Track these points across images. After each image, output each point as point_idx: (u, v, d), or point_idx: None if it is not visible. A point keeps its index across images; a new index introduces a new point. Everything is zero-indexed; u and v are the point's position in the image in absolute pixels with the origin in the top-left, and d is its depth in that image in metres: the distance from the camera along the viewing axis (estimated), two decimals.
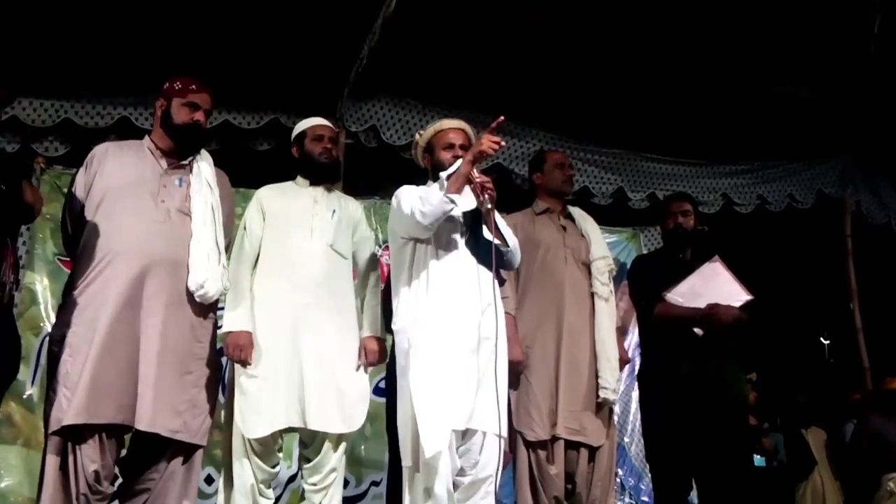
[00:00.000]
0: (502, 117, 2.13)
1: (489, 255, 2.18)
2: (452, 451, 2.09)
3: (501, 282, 2.43)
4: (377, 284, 2.55)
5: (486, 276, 2.20)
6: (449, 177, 2.14)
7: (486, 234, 2.20)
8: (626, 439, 3.98)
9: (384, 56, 3.24)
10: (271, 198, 2.51)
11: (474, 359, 2.14)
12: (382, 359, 2.49)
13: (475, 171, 2.20)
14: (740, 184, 4.45)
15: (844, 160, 4.53)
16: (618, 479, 3.87)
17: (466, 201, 2.17)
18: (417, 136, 2.47)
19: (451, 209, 2.12)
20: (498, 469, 2.10)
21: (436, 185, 2.22)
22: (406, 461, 2.15)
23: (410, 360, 2.16)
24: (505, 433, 2.15)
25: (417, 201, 2.15)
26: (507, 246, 2.28)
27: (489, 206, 2.17)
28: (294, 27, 3.14)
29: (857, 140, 4.31)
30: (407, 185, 2.30)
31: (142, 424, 2.03)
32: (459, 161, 2.19)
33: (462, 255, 2.24)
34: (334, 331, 2.39)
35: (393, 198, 2.28)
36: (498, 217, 2.30)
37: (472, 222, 2.28)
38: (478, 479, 2.12)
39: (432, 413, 2.08)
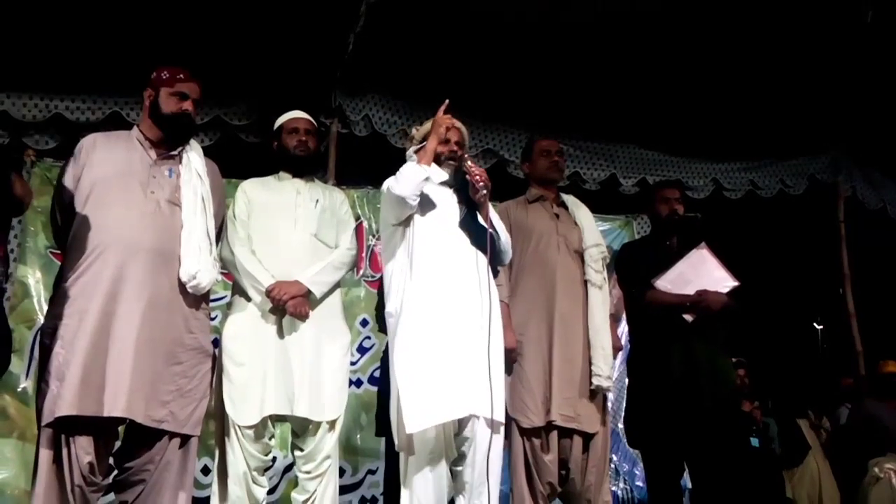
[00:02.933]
0: (447, 101, 2.30)
1: (484, 242, 2.24)
2: (449, 436, 2.11)
3: (496, 273, 2.45)
4: (343, 259, 2.49)
5: (483, 260, 2.24)
6: (416, 151, 2.27)
7: (481, 221, 2.25)
8: (621, 426, 4.00)
9: (371, 44, 3.22)
10: (255, 190, 2.52)
11: (471, 342, 2.16)
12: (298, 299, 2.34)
13: (470, 162, 2.29)
14: (731, 169, 4.46)
15: (836, 150, 4.53)
16: (612, 465, 3.90)
17: (438, 173, 2.31)
18: (414, 130, 2.52)
19: (425, 177, 2.22)
20: (489, 452, 2.11)
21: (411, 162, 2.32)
22: (397, 444, 2.16)
23: (398, 339, 2.18)
24: (499, 417, 2.17)
25: (392, 179, 2.26)
26: (500, 237, 2.34)
27: (484, 193, 2.24)
28: (281, 20, 3.12)
29: (848, 134, 4.30)
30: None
31: (127, 414, 2.01)
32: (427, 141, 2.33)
33: (459, 239, 2.28)
34: (320, 319, 2.39)
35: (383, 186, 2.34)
36: (492, 211, 2.34)
37: (468, 211, 2.31)
38: (475, 463, 2.14)
39: (416, 390, 2.09)
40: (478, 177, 2.24)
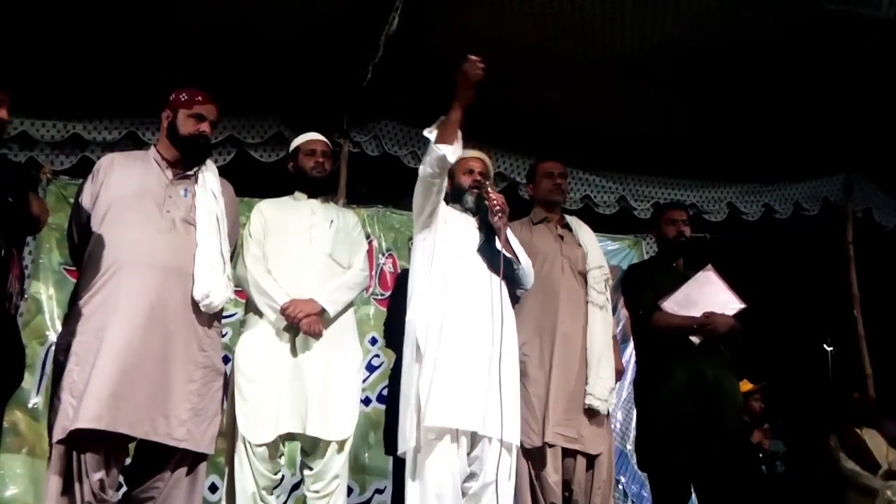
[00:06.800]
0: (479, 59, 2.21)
1: (500, 265, 2.29)
2: (462, 452, 2.14)
3: (516, 298, 2.50)
4: (356, 280, 2.53)
5: (496, 282, 2.29)
6: (440, 126, 2.27)
7: (498, 245, 2.32)
8: (629, 447, 3.97)
9: (387, 71, 3.27)
10: (271, 210, 2.57)
11: (485, 362, 2.20)
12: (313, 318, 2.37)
13: (490, 189, 2.38)
14: (745, 192, 4.45)
15: (848, 171, 4.53)
16: (620, 487, 3.87)
17: (454, 150, 2.27)
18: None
19: (443, 154, 2.22)
20: (497, 474, 2.14)
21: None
22: (403, 446, 2.18)
23: (423, 345, 2.22)
24: (511, 439, 2.21)
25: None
26: (519, 263, 2.40)
27: (500, 216, 2.31)
28: (300, 44, 3.17)
29: (863, 154, 4.28)
30: None
31: (146, 433, 2.04)
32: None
33: (475, 264, 2.35)
34: (333, 338, 2.41)
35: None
36: (512, 237, 2.42)
37: (487, 237, 2.40)
38: (484, 484, 2.17)
39: (442, 390, 2.14)
40: (495, 202, 2.32)
